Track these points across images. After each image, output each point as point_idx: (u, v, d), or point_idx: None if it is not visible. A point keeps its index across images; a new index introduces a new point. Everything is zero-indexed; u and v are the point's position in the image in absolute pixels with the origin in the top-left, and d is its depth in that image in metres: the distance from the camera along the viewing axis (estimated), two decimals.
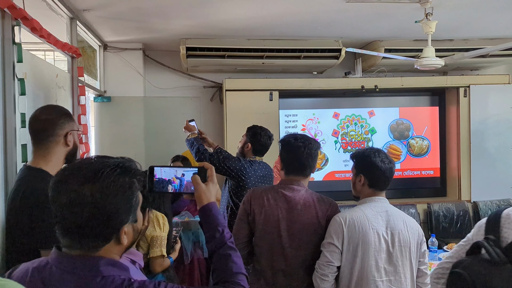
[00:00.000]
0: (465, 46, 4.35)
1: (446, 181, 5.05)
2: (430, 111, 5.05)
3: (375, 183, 2.06)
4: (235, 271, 1.23)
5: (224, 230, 1.30)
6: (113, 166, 1.04)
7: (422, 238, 2.05)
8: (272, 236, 2.09)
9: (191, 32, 3.99)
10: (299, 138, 2.18)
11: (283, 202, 2.11)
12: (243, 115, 4.34)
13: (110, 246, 1.05)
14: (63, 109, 1.93)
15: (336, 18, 3.65)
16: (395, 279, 1.97)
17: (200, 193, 1.33)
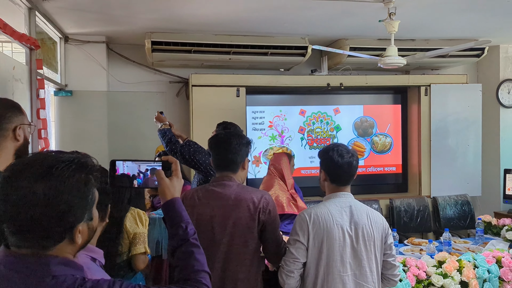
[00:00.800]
0: (426, 46, 4.48)
1: (407, 177, 5.20)
2: (393, 109, 5.18)
3: (336, 178, 2.08)
4: (197, 268, 1.21)
5: (188, 226, 1.28)
6: (67, 161, 0.99)
7: (388, 231, 2.09)
8: (206, 234, 2.05)
9: (157, 26, 3.92)
10: (227, 134, 2.22)
11: (214, 199, 2.08)
12: (209, 111, 4.31)
13: (63, 246, 1.00)
14: (11, 102, 1.83)
15: (302, 15, 3.67)
16: (360, 273, 2.00)
17: (164, 188, 1.30)
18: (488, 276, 2.55)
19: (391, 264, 2.09)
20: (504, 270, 2.59)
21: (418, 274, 2.52)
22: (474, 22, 4.02)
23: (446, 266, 2.54)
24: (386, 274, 2.09)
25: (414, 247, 3.30)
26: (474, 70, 5.38)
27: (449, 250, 3.10)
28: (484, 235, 3.51)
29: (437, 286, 2.47)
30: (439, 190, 4.88)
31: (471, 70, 5.34)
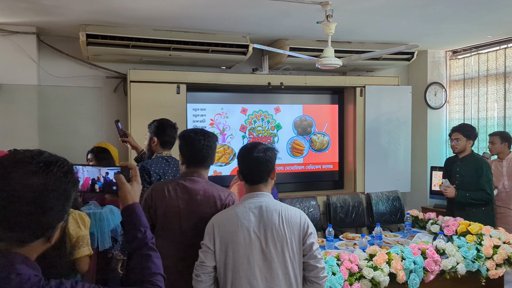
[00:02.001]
0: (362, 48, 4.67)
1: (343, 174, 5.40)
2: (330, 108, 5.35)
3: (247, 178, 2.03)
4: (153, 271, 1.25)
5: (146, 230, 1.32)
6: (62, 162, 1.03)
7: (307, 231, 1.96)
8: (173, 226, 2.11)
9: (93, 18, 3.76)
10: (199, 132, 2.23)
11: (183, 193, 2.13)
12: (148, 108, 4.22)
13: (37, 244, 1.02)
14: None
15: (243, 13, 3.69)
16: (271, 277, 1.90)
17: (126, 193, 1.33)
18: (414, 267, 2.71)
19: (313, 266, 1.95)
20: (428, 261, 2.76)
21: (350, 268, 2.62)
22: (405, 28, 4.25)
23: (376, 259, 2.67)
24: (309, 276, 1.97)
25: (348, 242, 3.43)
26: (405, 73, 5.69)
27: (380, 244, 3.26)
28: (412, 228, 3.72)
29: (368, 278, 2.58)
30: (373, 187, 5.11)
31: (402, 73, 5.65)
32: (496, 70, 4.89)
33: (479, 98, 5.10)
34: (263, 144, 2.07)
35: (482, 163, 3.76)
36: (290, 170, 5.11)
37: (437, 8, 3.58)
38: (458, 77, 5.41)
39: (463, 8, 3.62)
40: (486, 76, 5.00)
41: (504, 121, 4.77)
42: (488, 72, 4.99)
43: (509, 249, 3.02)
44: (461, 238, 3.13)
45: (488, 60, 4.99)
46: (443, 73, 5.50)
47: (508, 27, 4.29)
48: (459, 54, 5.37)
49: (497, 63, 4.87)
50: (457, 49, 5.35)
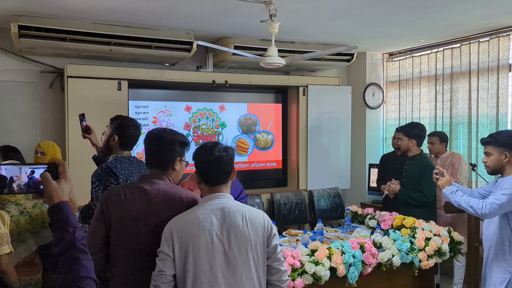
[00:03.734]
0: (304, 49, 4.78)
1: (287, 172, 5.50)
2: (274, 107, 5.43)
3: (208, 179, 1.93)
4: (82, 274, 1.16)
5: (76, 231, 1.23)
6: None
7: (271, 232, 1.91)
8: (130, 233, 1.94)
9: (25, 8, 3.54)
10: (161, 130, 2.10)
11: (142, 196, 1.98)
12: (88, 105, 4.04)
13: None
14: None
15: (188, 10, 3.64)
16: (236, 282, 1.82)
17: (51, 192, 1.23)
18: (353, 261, 2.82)
19: (276, 269, 1.90)
20: (366, 255, 2.88)
21: (293, 263, 2.67)
22: (345, 30, 4.40)
23: (317, 254, 2.74)
24: (271, 280, 1.90)
25: (292, 238, 3.50)
26: (345, 73, 5.89)
27: (322, 239, 3.36)
28: (351, 223, 3.87)
29: (310, 273, 2.65)
30: (315, 184, 5.25)
31: (343, 74, 5.84)
32: (428, 73, 5.19)
33: (413, 99, 5.39)
34: (220, 143, 1.99)
35: (427, 166, 3.80)
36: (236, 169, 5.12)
37: (375, 11, 3.73)
38: (394, 79, 5.68)
39: (399, 13, 3.80)
40: (419, 78, 5.30)
41: (435, 120, 5.08)
42: (421, 74, 5.28)
43: (439, 241, 3.22)
44: (396, 231, 3.28)
45: (421, 63, 5.29)
46: (380, 74, 5.76)
47: (438, 33, 4.57)
48: (395, 56, 5.64)
49: (429, 66, 5.18)
50: (394, 51, 5.62)
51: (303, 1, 3.43)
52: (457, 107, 4.84)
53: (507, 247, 2.80)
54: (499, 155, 2.81)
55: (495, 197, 2.72)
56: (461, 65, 4.77)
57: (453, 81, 4.87)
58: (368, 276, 2.92)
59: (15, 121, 4.24)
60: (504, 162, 2.80)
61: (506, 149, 2.79)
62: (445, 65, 4.95)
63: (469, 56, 4.68)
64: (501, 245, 2.84)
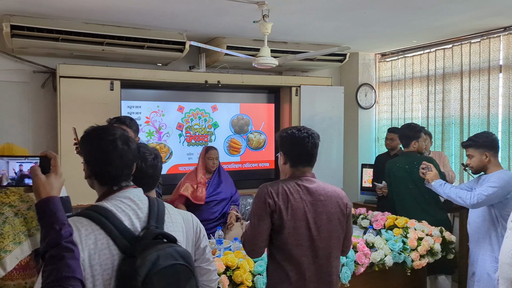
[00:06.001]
0: (297, 49, 4.78)
1: (279, 172, 5.48)
2: (267, 107, 5.43)
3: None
4: (66, 274, 1.12)
5: (62, 228, 1.18)
6: None
7: (200, 234, 1.86)
8: (301, 230, 2.01)
9: (18, 8, 3.52)
10: (302, 129, 2.14)
11: (306, 194, 2.05)
12: (80, 105, 4.03)
13: None
14: None
15: (181, 10, 3.63)
16: None
17: (38, 186, 1.21)
18: (346, 261, 2.83)
19: (205, 270, 1.86)
20: (359, 255, 2.90)
21: None
22: (338, 30, 4.41)
23: None
24: (202, 280, 1.86)
25: None
26: (338, 74, 5.92)
27: None
28: None
29: None
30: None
31: (336, 74, 5.86)
32: (420, 73, 5.22)
33: (405, 99, 5.43)
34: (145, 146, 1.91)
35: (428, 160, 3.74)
36: (228, 169, 5.10)
37: (367, 12, 3.75)
38: (386, 79, 5.71)
39: (391, 14, 3.83)
40: (412, 79, 5.33)
41: (427, 120, 5.12)
42: (413, 75, 5.32)
43: (431, 241, 3.25)
44: (388, 231, 3.30)
45: (413, 64, 5.32)
46: (372, 74, 5.79)
47: (430, 33, 4.61)
48: (388, 57, 5.67)
49: (421, 66, 5.21)
50: (386, 52, 5.65)
51: (295, 2, 3.44)
52: (449, 107, 4.88)
53: (493, 236, 2.99)
54: (480, 156, 3.05)
55: (482, 189, 2.96)
56: (453, 65, 4.81)
57: (445, 81, 4.90)
58: (361, 276, 2.94)
59: (7, 121, 4.21)
60: (486, 162, 3.05)
61: (485, 149, 3.03)
62: (437, 65, 4.99)
63: (460, 57, 4.72)
64: (486, 234, 3.03)
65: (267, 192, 2.02)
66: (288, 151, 2.14)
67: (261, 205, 2.01)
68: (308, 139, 2.10)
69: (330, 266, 2.08)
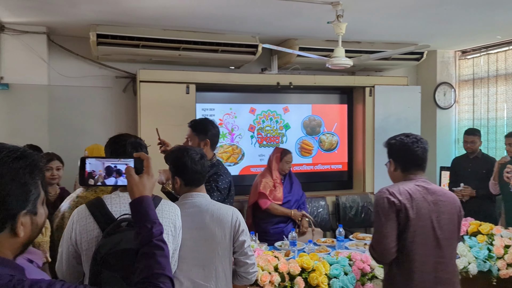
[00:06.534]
0: (371, 48, 4.65)
1: (352, 174, 5.38)
2: (339, 108, 5.34)
3: (190, 182, 2.07)
4: (157, 271, 1.17)
5: (154, 226, 1.24)
6: (12, 149, 0.98)
7: (239, 229, 2.05)
8: (427, 229, 2.03)
9: (103, 18, 3.77)
10: (410, 135, 2.20)
11: (427, 194, 2.07)
12: (158, 108, 4.22)
13: (3, 237, 0.96)
14: None
15: (254, 13, 3.68)
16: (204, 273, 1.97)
17: (132, 186, 1.27)
18: None
19: (242, 262, 2.07)
20: None
21: (363, 268, 2.62)
22: (414, 28, 4.23)
23: None
24: (239, 271, 2.09)
25: (359, 242, 3.42)
26: (414, 72, 5.67)
27: None
28: None
29: (380, 278, 2.58)
30: (382, 187, 5.06)
31: (412, 73, 5.62)
32: (505, 71, 4.85)
33: (488, 98, 5.07)
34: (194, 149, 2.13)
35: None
36: (299, 170, 5.10)
37: (447, 8, 3.56)
38: (467, 77, 5.37)
39: (473, 9, 3.60)
40: (496, 76, 4.97)
41: None
42: (497, 72, 4.95)
43: None
44: (472, 238, 3.11)
45: (497, 61, 4.96)
46: (452, 73, 5.47)
47: None
48: (469, 54, 5.33)
49: (506, 63, 4.84)
50: (467, 49, 5.32)
51: (370, 0, 3.35)
52: None
53: None
54: None
55: None
56: None
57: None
58: None
59: (92, 123, 4.52)
60: None
61: None
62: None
63: None
64: None
65: (390, 193, 2.04)
66: (398, 158, 2.18)
67: (385, 205, 2.03)
68: (417, 144, 2.14)
69: (454, 266, 2.10)
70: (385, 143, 2.26)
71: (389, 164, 2.22)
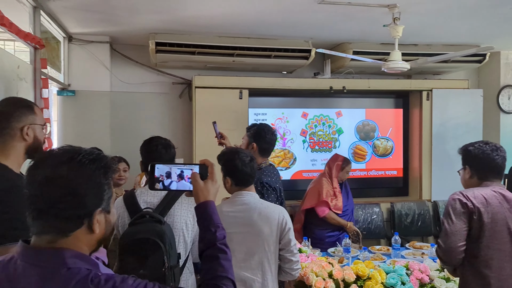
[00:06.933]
0: (429, 51, 4.50)
1: (408, 181, 5.21)
2: (394, 113, 5.20)
3: (240, 182, 2.21)
4: (220, 274, 1.21)
5: (217, 230, 1.28)
6: (88, 152, 1.05)
7: (285, 227, 2.17)
8: (503, 234, 2.04)
9: (161, 27, 3.93)
10: (489, 143, 2.20)
11: (504, 201, 2.07)
12: (212, 113, 4.30)
13: (81, 234, 1.02)
14: (22, 101, 1.80)
15: (306, 18, 3.69)
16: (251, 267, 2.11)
17: (197, 191, 1.32)
18: None
19: (288, 259, 2.19)
20: None
21: (421, 278, 2.53)
22: (475, 29, 4.05)
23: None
24: (284, 267, 2.21)
25: (416, 251, 3.31)
26: (475, 75, 5.41)
27: None
28: None
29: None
30: (440, 194, 4.88)
31: (473, 76, 5.37)
32: None
33: None
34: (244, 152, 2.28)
35: None
36: (352, 176, 4.97)
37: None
38: None
39: None
40: None
41: None
42: None
43: None
44: None
45: None
46: None
47: None
48: None
49: None
50: None
51: (429, 2, 3.25)
52: None
53: None
54: None
55: None
56: None
57: None
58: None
59: (150, 127, 4.66)
60: None
61: None
62: None
63: None
64: None
65: (463, 196, 2.05)
66: (475, 165, 2.17)
67: (457, 206, 2.03)
68: (497, 152, 2.12)
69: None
70: (461, 149, 2.23)
71: (464, 171, 2.20)
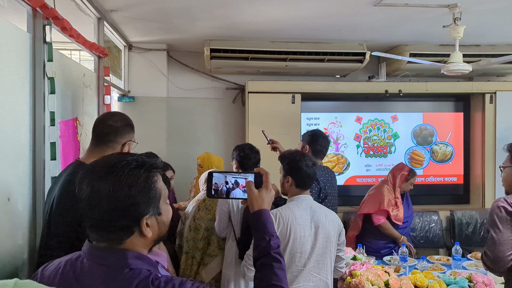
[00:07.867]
0: (492, 52, 4.28)
1: (469, 188, 4.95)
2: (454, 116, 4.97)
3: (301, 184, 2.27)
4: (274, 283, 1.21)
5: (271, 239, 1.29)
6: (127, 161, 1.05)
7: (341, 228, 2.32)
8: None
9: (215, 33, 4.02)
10: None
11: None
12: (265, 118, 4.35)
13: (135, 239, 1.05)
14: (128, 119, 2.00)
15: (361, 21, 3.62)
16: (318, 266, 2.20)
17: (252, 199, 1.33)
18: None
19: (340, 258, 2.36)
20: None
21: None
22: None
23: None
24: (335, 265, 2.33)
25: (479, 262, 3.12)
26: None
27: None
28: None
29: None
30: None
31: None
32: None
33: None
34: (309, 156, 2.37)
35: None
36: None
37: None
38: None
39: None
40: None
41: None
42: None
43: None
44: None
45: None
46: None
47: None
48: None
49: None
50: None
51: (491, 1, 3.08)
52: None
53: None
54: None
55: None
56: None
57: None
58: None
59: (204, 132, 4.82)
60: None
61: None
62: None
63: None
64: None
65: (508, 203, 2.00)
66: None
67: (502, 214, 1.99)
68: None
69: None
70: (508, 145, 2.13)
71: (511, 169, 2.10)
